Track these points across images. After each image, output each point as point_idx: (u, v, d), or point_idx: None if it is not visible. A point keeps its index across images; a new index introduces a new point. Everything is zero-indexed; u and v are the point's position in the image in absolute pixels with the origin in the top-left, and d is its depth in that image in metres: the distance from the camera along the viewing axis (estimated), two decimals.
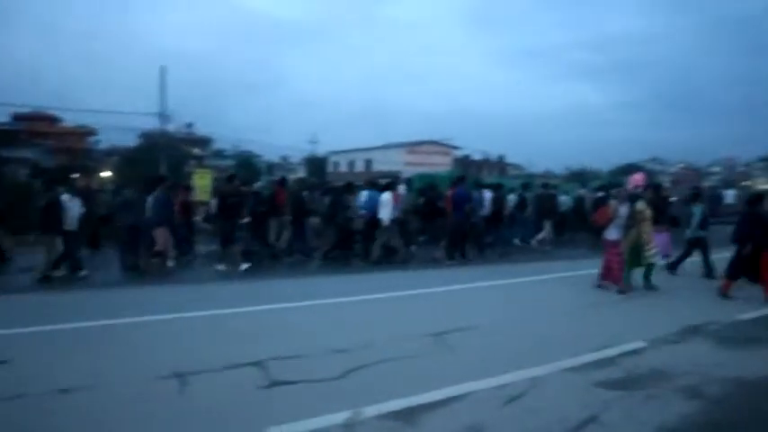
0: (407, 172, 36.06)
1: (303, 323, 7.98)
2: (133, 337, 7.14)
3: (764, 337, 7.50)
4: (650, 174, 32.68)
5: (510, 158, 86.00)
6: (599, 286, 10.49)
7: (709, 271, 12.00)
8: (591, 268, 11.35)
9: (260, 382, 5.44)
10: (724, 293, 9.84)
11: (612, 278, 10.29)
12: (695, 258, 12.42)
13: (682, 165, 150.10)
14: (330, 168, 73.44)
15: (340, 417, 4.60)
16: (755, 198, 10.18)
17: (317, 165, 71.50)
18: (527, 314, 8.79)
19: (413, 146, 66.81)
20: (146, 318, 8.03)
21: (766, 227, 9.57)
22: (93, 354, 6.33)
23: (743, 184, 78.50)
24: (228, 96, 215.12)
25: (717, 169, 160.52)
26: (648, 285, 10.54)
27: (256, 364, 5.94)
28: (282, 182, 16.21)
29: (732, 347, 6.94)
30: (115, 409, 4.80)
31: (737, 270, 9.78)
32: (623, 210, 10.11)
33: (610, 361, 6.25)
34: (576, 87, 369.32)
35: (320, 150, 75.32)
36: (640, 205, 10.28)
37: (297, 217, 14.62)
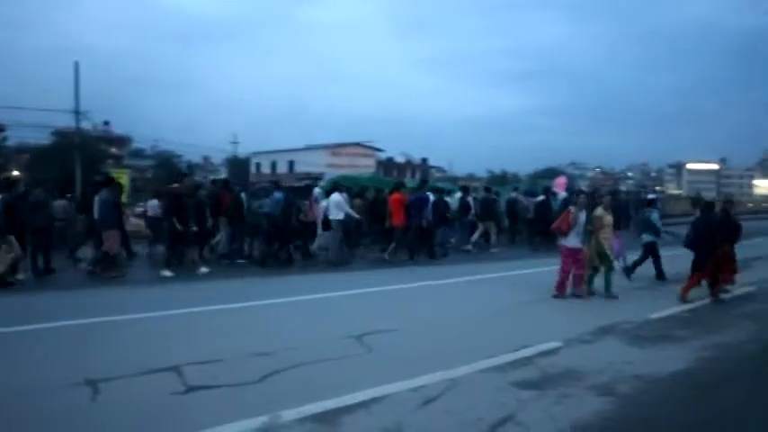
0: (330, 173, 36.03)
1: (225, 326, 7.87)
2: (45, 342, 6.87)
3: (674, 335, 7.79)
4: (570, 178, 33.35)
5: (432, 161, 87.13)
6: (555, 296, 10.17)
7: (660, 273, 12.44)
8: (522, 269, 11.58)
9: (175, 388, 5.30)
10: (683, 296, 10.00)
11: (576, 284, 10.22)
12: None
13: (598, 169, 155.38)
14: (252, 169, 72.57)
15: (257, 422, 4.52)
16: (707, 206, 10.82)
17: (239, 166, 70.51)
18: (449, 315, 8.90)
19: (336, 147, 66.77)
20: (61, 323, 7.71)
21: (718, 230, 10.13)
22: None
23: (656, 188, 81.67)
24: (147, 95, 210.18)
25: (631, 174, 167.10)
26: (609, 293, 10.34)
27: (173, 369, 5.78)
28: (226, 184, 16.03)
29: (643, 345, 7.19)
30: (19, 419, 4.59)
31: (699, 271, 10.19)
32: (582, 217, 10.14)
33: (527, 361, 6.37)
34: (499, 93, 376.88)
35: (242, 151, 74.46)
36: (599, 211, 10.32)
37: (236, 219, 14.37)
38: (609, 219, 10.34)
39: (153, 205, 15.22)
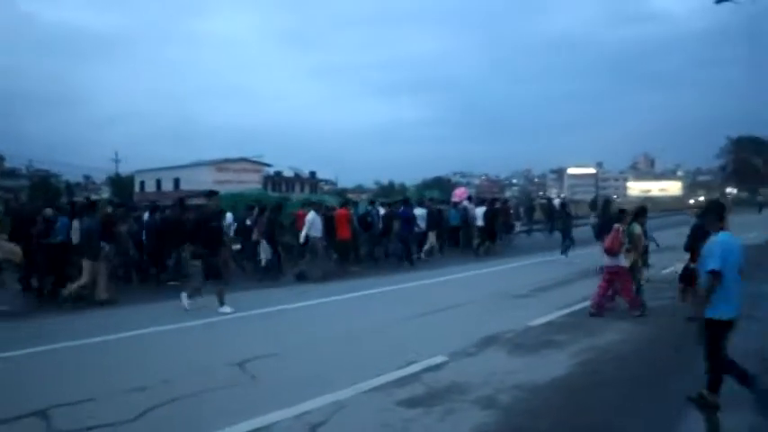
0: (217, 190, 35.20)
1: (96, 362, 7.40)
2: None
3: (554, 341, 8.04)
4: (454, 185, 34.30)
5: (321, 174, 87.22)
6: (592, 315, 9.72)
7: None
8: (423, 279, 11.56)
9: None
10: (683, 300, 9.94)
11: (633, 305, 9.87)
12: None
13: (484, 177, 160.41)
14: (137, 188, 70.12)
15: None
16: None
17: (122, 184, 67.95)
18: (334, 334, 8.78)
19: (222, 163, 65.58)
20: None
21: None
22: None
23: (540, 194, 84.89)
24: (23, 112, 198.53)
25: (515, 181, 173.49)
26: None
27: (38, 414, 5.39)
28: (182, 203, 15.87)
29: (525, 354, 7.38)
30: None
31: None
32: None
33: (412, 378, 6.39)
34: (386, 104, 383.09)
35: (126, 169, 71.83)
36: (638, 229, 10.36)
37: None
38: (642, 236, 10.51)
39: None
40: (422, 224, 18.50)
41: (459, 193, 26.57)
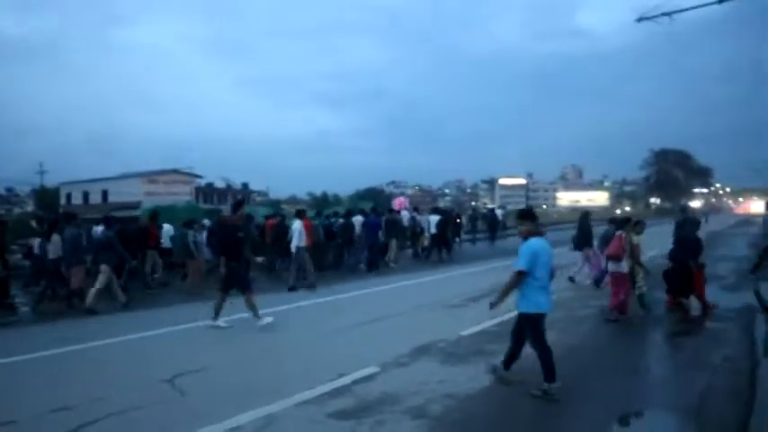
0: (147, 203, 34.49)
1: (18, 381, 7.14)
2: None
3: (485, 350, 8.14)
4: (388, 196, 34.87)
5: (253, 185, 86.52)
6: (612, 320, 10.09)
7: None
8: (363, 288, 11.50)
9: None
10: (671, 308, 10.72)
11: (621, 308, 10.24)
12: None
13: (416, 187, 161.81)
14: (62, 200, 67.88)
15: None
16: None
17: (47, 197, 65.66)
18: (266, 347, 8.69)
19: (152, 175, 64.10)
20: None
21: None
22: None
23: (473, 204, 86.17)
24: None
25: (448, 191, 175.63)
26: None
27: None
28: (155, 216, 16.08)
29: (456, 363, 7.45)
30: None
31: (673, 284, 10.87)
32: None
33: (344, 389, 6.37)
34: (318, 115, 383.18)
35: (51, 181, 69.48)
36: (636, 239, 10.57)
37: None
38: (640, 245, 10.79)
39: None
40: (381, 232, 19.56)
41: (398, 203, 27.19)
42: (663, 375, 7.36)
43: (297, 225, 14.56)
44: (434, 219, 21.25)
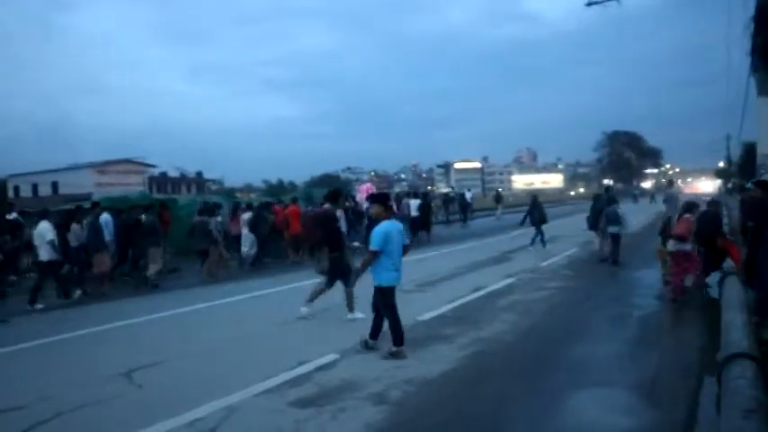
0: (98, 194, 33.85)
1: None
2: None
3: (442, 334, 8.24)
4: (344, 182, 34.85)
5: (207, 174, 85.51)
6: (674, 300, 10.17)
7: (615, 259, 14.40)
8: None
9: None
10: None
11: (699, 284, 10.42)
12: None
13: (372, 172, 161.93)
14: (11, 193, 65.94)
15: None
16: (712, 202, 11.76)
17: None
18: (224, 338, 8.64)
19: (103, 165, 62.91)
20: None
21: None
22: None
23: (429, 188, 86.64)
24: None
25: (404, 176, 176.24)
26: None
27: None
28: (164, 204, 17.02)
29: (414, 349, 7.45)
30: None
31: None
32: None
33: (304, 378, 6.41)
34: (270, 102, 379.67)
35: None
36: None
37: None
38: None
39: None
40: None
41: (364, 189, 27.23)
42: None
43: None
44: (415, 203, 21.87)
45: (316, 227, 10.60)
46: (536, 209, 18.86)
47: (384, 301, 7.28)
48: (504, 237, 22.75)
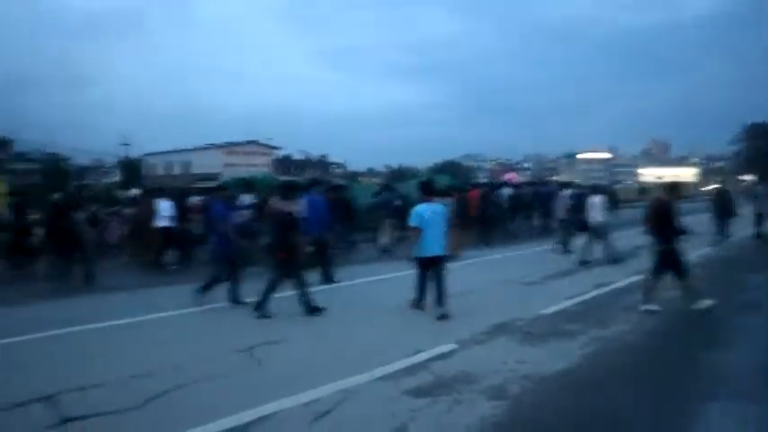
0: (227, 173, 35.23)
1: (96, 347, 7.39)
2: None
3: (563, 331, 7.90)
4: (466, 169, 34.94)
5: (331, 158, 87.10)
6: None
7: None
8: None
9: (49, 421, 4.94)
10: None
11: None
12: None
13: (495, 161, 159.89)
14: (146, 171, 70.12)
15: None
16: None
17: (132, 168, 67.94)
18: (338, 322, 8.65)
19: (231, 146, 65.38)
20: None
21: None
22: None
23: (553, 178, 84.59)
24: (31, 95, 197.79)
25: (527, 165, 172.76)
26: None
27: (46, 399, 5.40)
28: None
29: (534, 343, 7.26)
30: None
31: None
32: None
33: (421, 366, 6.33)
34: (394, 87, 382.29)
35: (135, 152, 71.79)
36: None
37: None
38: None
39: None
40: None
41: (509, 177, 27.52)
42: None
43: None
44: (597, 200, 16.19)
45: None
46: (721, 201, 17.97)
47: (419, 268, 8.93)
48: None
